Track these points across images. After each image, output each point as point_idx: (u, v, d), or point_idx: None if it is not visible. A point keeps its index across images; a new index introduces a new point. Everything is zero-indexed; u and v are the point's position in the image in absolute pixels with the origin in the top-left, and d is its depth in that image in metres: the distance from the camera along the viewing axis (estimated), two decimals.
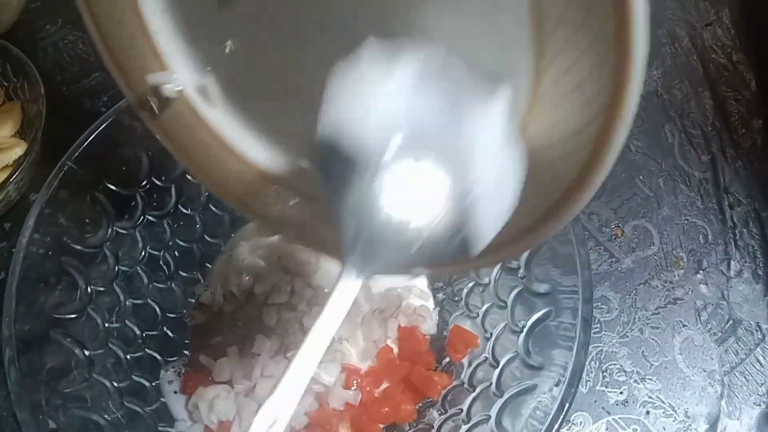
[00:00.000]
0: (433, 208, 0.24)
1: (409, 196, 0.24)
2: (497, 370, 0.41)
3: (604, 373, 0.49)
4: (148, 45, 0.33)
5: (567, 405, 0.35)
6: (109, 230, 0.46)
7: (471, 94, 0.24)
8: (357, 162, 0.24)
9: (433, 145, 0.24)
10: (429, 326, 0.50)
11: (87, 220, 0.44)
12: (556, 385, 0.36)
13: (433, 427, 0.43)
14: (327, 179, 0.26)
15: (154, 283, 0.50)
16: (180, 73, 0.34)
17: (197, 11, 0.32)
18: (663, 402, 0.48)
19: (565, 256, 0.39)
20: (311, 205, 0.37)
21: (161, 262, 0.50)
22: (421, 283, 0.52)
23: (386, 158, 0.23)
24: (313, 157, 0.33)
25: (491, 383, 0.41)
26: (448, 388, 0.45)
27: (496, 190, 0.24)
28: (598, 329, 0.51)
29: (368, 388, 0.47)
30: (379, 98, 0.24)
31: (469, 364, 0.45)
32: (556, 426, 0.35)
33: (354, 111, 0.24)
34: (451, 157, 0.24)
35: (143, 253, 0.49)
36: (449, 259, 0.26)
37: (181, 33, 0.33)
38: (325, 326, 0.25)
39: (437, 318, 0.51)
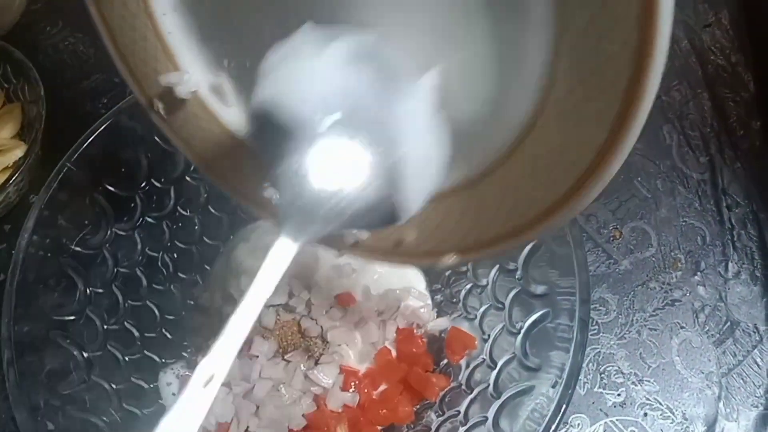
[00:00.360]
0: (361, 179, 0.26)
1: (339, 167, 0.26)
2: (495, 372, 0.41)
3: (602, 375, 0.49)
4: (160, 46, 0.33)
5: (564, 406, 0.35)
6: (108, 232, 0.46)
7: (398, 77, 0.26)
8: (291, 134, 0.25)
9: (363, 121, 0.25)
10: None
11: (86, 222, 0.45)
12: (554, 386, 0.36)
13: (430, 429, 0.44)
14: (262, 150, 0.28)
15: (153, 285, 0.50)
16: (193, 73, 0.33)
17: (208, 7, 0.32)
18: (661, 404, 0.48)
19: (562, 257, 0.39)
20: None
21: (160, 264, 0.51)
22: (420, 284, 0.52)
23: (320, 131, 0.25)
24: (248, 129, 0.34)
25: (489, 385, 0.41)
26: (445, 389, 0.46)
27: (421, 164, 0.26)
28: (595, 331, 0.51)
29: (366, 390, 0.47)
30: (310, 74, 0.25)
31: (467, 366, 0.45)
32: (553, 427, 0.35)
33: (287, 85, 0.25)
34: (379, 132, 0.25)
35: (142, 255, 0.49)
36: (378, 224, 0.29)
37: (193, 31, 0.33)
38: (261, 287, 0.26)
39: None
